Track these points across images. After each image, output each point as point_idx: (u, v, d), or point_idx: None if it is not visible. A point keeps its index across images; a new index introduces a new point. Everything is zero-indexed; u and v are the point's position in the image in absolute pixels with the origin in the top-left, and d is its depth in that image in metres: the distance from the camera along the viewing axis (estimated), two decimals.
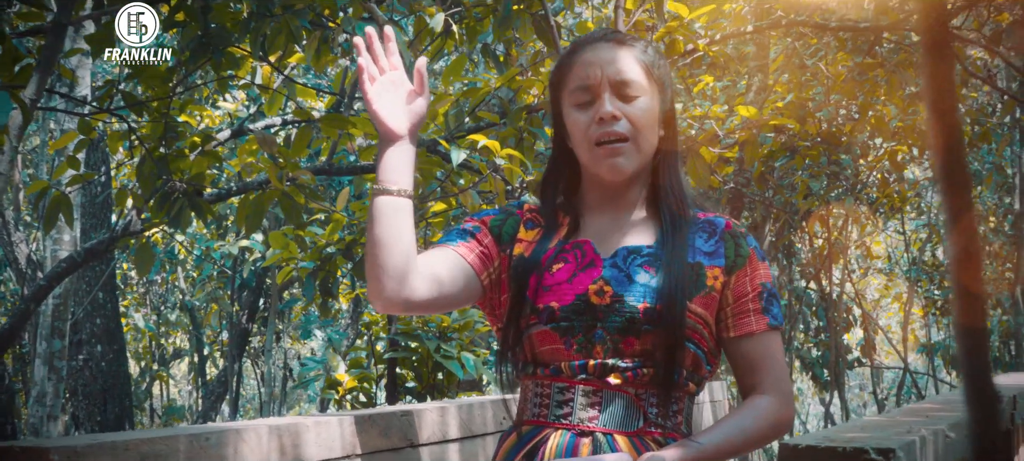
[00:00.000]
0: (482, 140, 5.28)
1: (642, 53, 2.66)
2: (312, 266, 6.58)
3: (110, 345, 12.79)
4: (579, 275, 2.59)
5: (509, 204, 2.82)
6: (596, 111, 2.60)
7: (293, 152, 5.98)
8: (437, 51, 6.16)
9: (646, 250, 2.61)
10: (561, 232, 2.69)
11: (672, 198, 2.65)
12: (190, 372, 22.14)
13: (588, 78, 2.62)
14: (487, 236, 2.68)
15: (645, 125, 2.60)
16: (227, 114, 12.79)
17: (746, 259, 2.63)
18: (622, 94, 2.60)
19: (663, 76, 2.67)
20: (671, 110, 2.69)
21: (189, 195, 5.81)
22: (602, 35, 2.69)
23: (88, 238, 11.79)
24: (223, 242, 14.32)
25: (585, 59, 2.65)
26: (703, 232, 2.65)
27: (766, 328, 2.60)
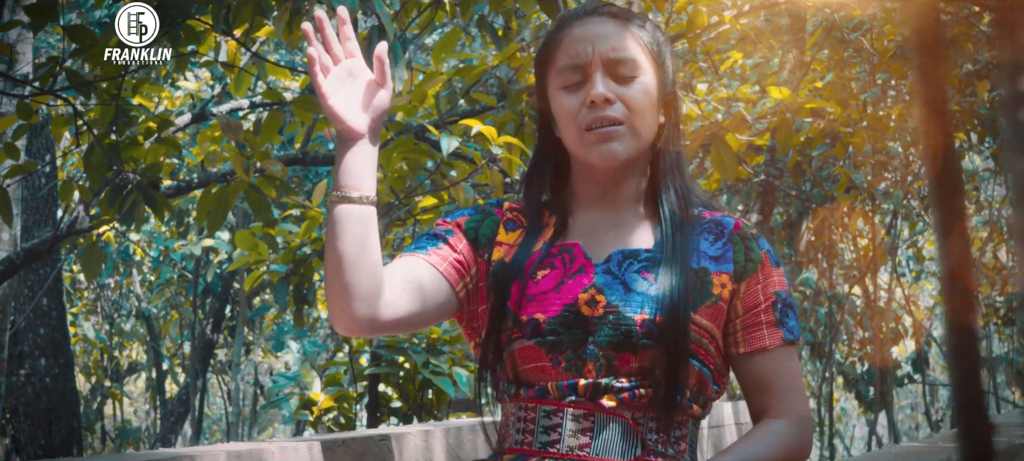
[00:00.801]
0: (477, 126, 5.27)
1: (639, 28, 2.65)
2: (284, 269, 6.58)
3: (56, 358, 12.77)
4: (567, 283, 2.56)
5: (487, 203, 2.80)
6: (587, 93, 2.57)
7: (262, 139, 5.97)
8: (426, 23, 6.15)
9: (644, 254, 2.59)
10: (546, 233, 2.67)
11: (674, 193, 2.64)
12: (147, 389, 22.14)
13: (578, 56, 2.60)
14: (461, 240, 2.66)
15: (643, 108, 2.58)
16: (188, 94, 12.79)
17: (757, 264, 2.62)
18: (616, 74, 2.58)
19: (663, 55, 2.66)
20: (673, 93, 2.68)
21: (143, 188, 5.81)
22: (594, 8, 2.67)
23: (30, 236, 11.78)
24: (184, 241, 14.32)
25: (574, 35, 2.63)
26: (709, 234, 2.64)
27: (781, 343, 2.59)
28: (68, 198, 6.43)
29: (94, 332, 18.96)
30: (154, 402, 19.28)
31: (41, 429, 12.58)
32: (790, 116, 6.69)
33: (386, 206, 6.44)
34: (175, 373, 20.96)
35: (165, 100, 13.14)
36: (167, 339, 19.69)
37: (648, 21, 2.70)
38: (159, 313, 18.56)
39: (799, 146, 7.69)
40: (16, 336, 12.39)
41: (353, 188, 2.44)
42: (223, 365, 19.97)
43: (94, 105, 5.91)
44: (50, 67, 5.71)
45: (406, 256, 2.63)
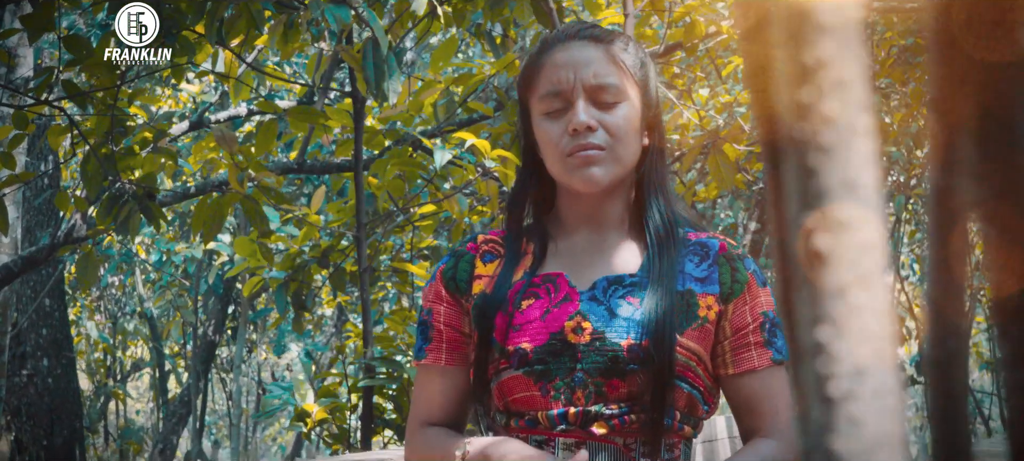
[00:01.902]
0: (470, 139, 5.28)
1: (622, 51, 2.64)
2: (283, 277, 6.58)
3: (58, 358, 12.78)
4: (553, 311, 2.57)
5: (459, 242, 2.82)
6: (569, 120, 2.57)
7: (258, 150, 5.98)
8: (423, 34, 6.15)
9: (628, 279, 2.59)
10: (526, 262, 2.67)
11: (658, 216, 2.63)
12: (151, 388, 22.16)
13: (560, 82, 2.59)
14: (443, 307, 2.70)
15: (625, 134, 2.58)
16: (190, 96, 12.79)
17: (744, 285, 2.61)
18: (599, 101, 2.58)
19: (647, 77, 2.65)
20: (656, 115, 2.67)
21: (139, 198, 5.82)
22: (575, 31, 2.66)
23: (33, 237, 11.79)
24: (186, 244, 14.33)
25: (556, 60, 2.62)
26: (694, 255, 2.64)
27: (769, 363, 2.58)
28: (65, 207, 6.44)
29: (97, 332, 18.97)
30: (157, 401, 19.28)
31: (43, 430, 12.59)
32: None
33: (384, 214, 6.44)
34: (178, 373, 20.96)
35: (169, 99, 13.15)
36: (170, 339, 19.69)
37: (631, 42, 2.69)
38: (161, 314, 18.57)
39: None
40: (18, 336, 12.39)
41: None
42: (226, 364, 19.98)
43: (90, 115, 5.91)
44: (46, 77, 5.72)
45: (418, 368, 2.74)
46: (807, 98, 0.76)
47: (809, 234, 0.76)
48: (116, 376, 19.87)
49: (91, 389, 19.27)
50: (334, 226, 6.97)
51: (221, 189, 6.43)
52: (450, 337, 2.68)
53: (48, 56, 12.22)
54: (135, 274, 17.51)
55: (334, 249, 6.70)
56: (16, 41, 9.40)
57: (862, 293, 0.76)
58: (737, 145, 6.52)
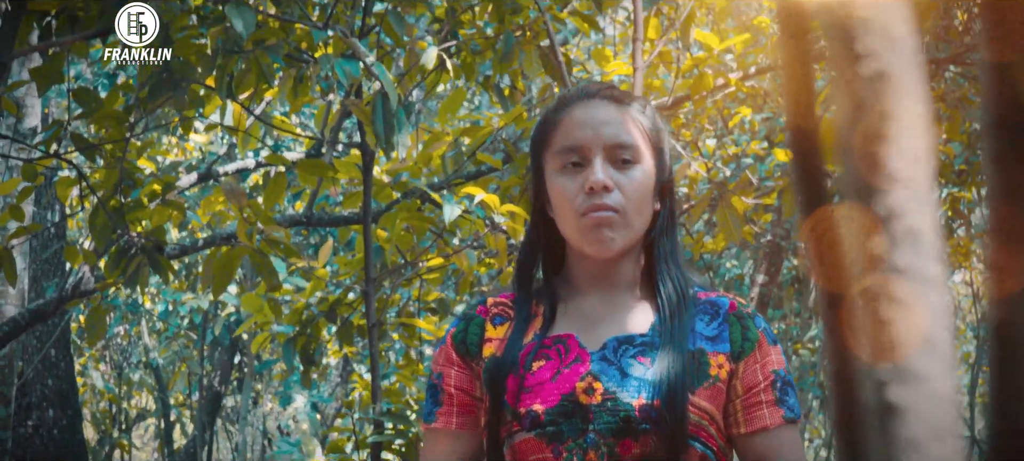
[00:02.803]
0: (479, 193, 5.27)
1: (640, 114, 2.64)
2: (291, 331, 6.57)
3: (64, 409, 12.75)
4: (564, 372, 2.55)
5: (468, 306, 2.80)
6: (586, 178, 2.56)
7: (266, 202, 5.98)
8: (431, 88, 6.16)
9: (639, 339, 2.57)
10: (536, 323, 2.66)
11: (669, 280, 2.62)
12: (156, 439, 22.10)
13: (579, 139, 2.59)
14: (453, 370, 2.69)
15: (639, 198, 2.57)
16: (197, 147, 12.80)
17: (755, 343, 2.59)
18: (616, 160, 2.57)
19: (662, 141, 2.65)
20: (669, 180, 2.67)
21: (148, 251, 5.81)
22: (595, 91, 2.66)
23: (39, 287, 11.79)
24: (193, 294, 14.32)
25: (575, 117, 2.62)
26: (705, 314, 2.63)
27: (782, 422, 2.56)
28: (73, 260, 6.44)
29: (102, 382, 18.95)
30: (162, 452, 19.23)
31: None
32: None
33: (392, 267, 6.43)
34: (183, 423, 20.92)
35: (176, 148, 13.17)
36: (175, 390, 19.66)
37: (648, 106, 2.70)
38: (167, 364, 18.55)
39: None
40: (24, 387, 12.37)
41: None
42: (232, 415, 19.94)
43: (99, 167, 5.91)
44: (55, 130, 5.73)
45: (426, 433, 2.73)
46: (878, 249, 0.76)
47: (882, 386, 0.75)
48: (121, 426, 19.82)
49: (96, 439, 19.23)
50: (342, 279, 6.96)
51: (229, 242, 6.42)
52: (461, 401, 2.67)
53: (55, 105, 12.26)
54: (141, 324, 17.50)
55: (341, 302, 6.69)
56: (24, 92, 9.42)
57: (936, 445, 0.75)
58: (745, 198, 6.53)
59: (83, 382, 18.03)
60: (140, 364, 19.27)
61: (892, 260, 0.76)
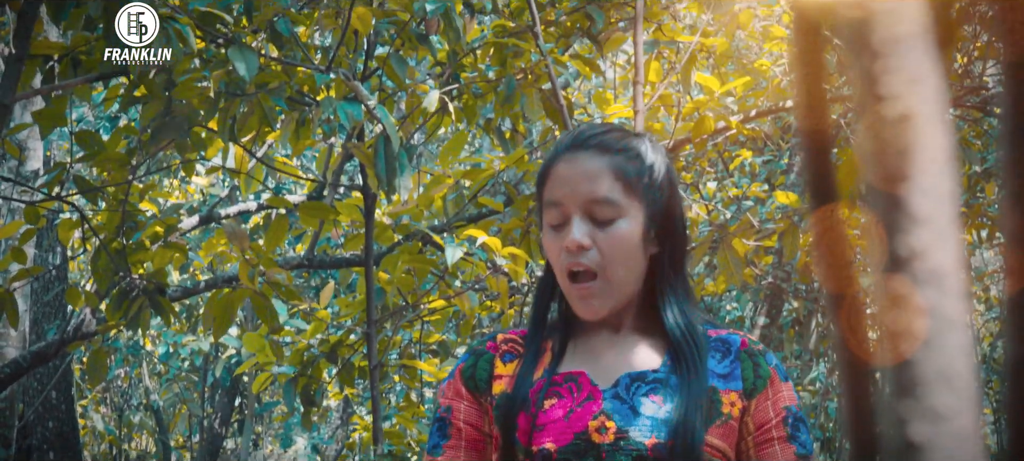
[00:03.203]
0: (481, 236, 5.28)
1: (627, 161, 2.59)
2: (293, 371, 6.57)
3: (65, 452, 12.73)
4: (577, 411, 2.53)
5: (479, 341, 2.80)
6: (565, 238, 2.55)
7: (268, 245, 5.98)
8: (433, 130, 6.17)
9: (651, 376, 2.56)
10: (545, 359, 2.65)
11: (675, 321, 2.60)
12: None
13: (558, 196, 2.57)
14: (462, 402, 2.67)
15: (619, 254, 2.55)
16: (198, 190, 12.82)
17: (767, 380, 2.58)
18: (595, 217, 2.55)
19: (657, 185, 2.61)
20: (668, 223, 2.63)
21: (149, 293, 5.82)
22: (582, 139, 2.62)
23: (40, 330, 11.78)
24: (193, 336, 14.32)
25: (559, 172, 2.59)
26: (716, 352, 2.61)
27: (794, 459, 2.54)
28: (75, 302, 6.44)
29: (103, 424, 18.91)
30: None
31: None
32: (797, 220, 6.69)
33: (393, 309, 6.44)
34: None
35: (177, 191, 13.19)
36: (175, 432, 19.62)
37: (644, 147, 2.64)
38: (168, 406, 18.53)
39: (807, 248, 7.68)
40: (25, 429, 12.35)
41: None
42: (232, 457, 19.90)
43: (101, 210, 5.92)
44: (58, 173, 5.74)
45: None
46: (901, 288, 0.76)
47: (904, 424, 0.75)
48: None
49: None
50: (343, 321, 6.96)
51: (231, 284, 6.43)
52: (469, 435, 2.66)
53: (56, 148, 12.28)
54: (142, 367, 17.49)
55: (343, 344, 6.69)
56: (26, 135, 9.44)
57: None
58: (746, 240, 6.53)
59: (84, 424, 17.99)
60: (141, 406, 19.25)
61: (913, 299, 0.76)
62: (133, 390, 19.42)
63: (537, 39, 5.57)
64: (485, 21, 6.72)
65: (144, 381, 17.87)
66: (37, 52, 5.33)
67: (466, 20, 5.48)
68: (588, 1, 5.88)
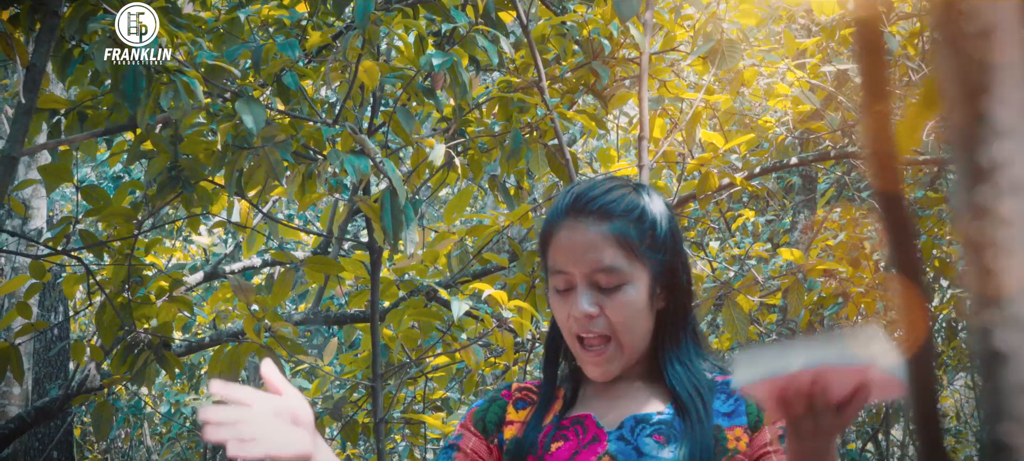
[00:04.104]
0: (487, 289, 5.28)
1: (631, 224, 2.58)
2: None
3: None
4: (582, 452, 2.55)
5: (495, 390, 2.81)
6: (571, 306, 2.56)
7: (273, 300, 5.98)
8: (438, 185, 6.18)
9: (655, 418, 2.57)
10: (556, 406, 2.67)
11: (679, 377, 2.61)
12: None
13: (563, 265, 2.58)
14: (472, 438, 2.69)
15: (628, 320, 2.56)
16: (201, 248, 12.83)
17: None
18: (600, 285, 2.55)
19: (660, 242, 2.61)
20: (672, 278, 2.63)
21: (154, 347, 5.81)
22: (583, 204, 2.60)
23: (42, 389, 11.76)
24: (195, 395, 14.29)
25: (561, 241, 2.59)
26: (720, 393, 2.63)
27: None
28: (79, 357, 6.43)
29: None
30: None
31: None
32: (801, 278, 6.69)
33: (398, 365, 6.43)
34: None
35: (179, 252, 13.18)
36: None
37: (645, 203, 2.64)
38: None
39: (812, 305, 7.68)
40: None
41: None
42: None
43: (106, 264, 5.93)
44: (63, 227, 5.75)
45: None
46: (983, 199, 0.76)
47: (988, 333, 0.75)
48: None
49: None
50: (347, 377, 6.94)
51: (236, 338, 6.42)
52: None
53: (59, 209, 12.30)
54: (143, 427, 17.44)
55: (347, 401, 6.68)
56: (30, 194, 9.46)
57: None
58: (750, 296, 6.53)
59: None
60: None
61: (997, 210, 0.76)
62: (134, 451, 19.36)
63: (543, 93, 5.59)
64: (490, 80, 6.74)
65: (145, 441, 17.83)
66: (44, 106, 5.35)
67: (472, 76, 5.50)
68: (593, 57, 5.89)
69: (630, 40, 5.86)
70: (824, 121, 7.09)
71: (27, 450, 12.08)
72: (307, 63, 5.32)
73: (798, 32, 7.88)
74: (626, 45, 6.00)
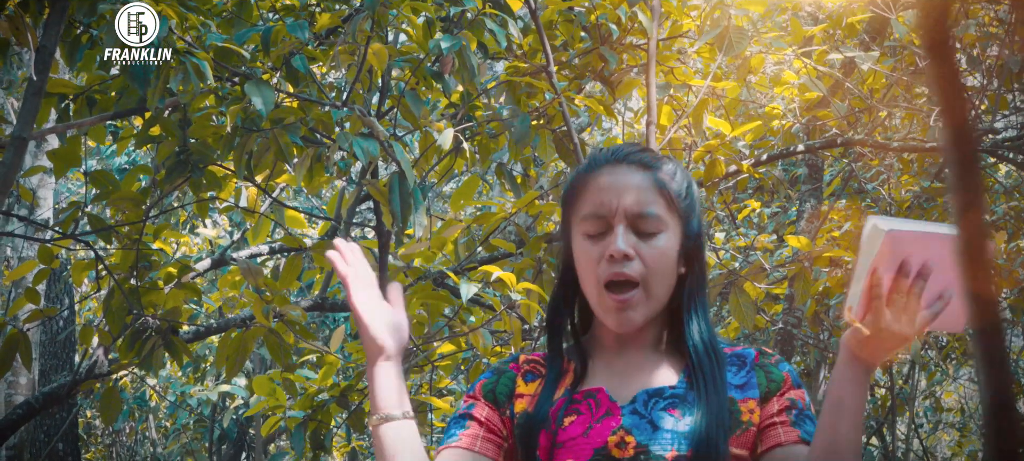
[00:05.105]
0: (496, 272, 5.28)
1: (669, 179, 2.62)
2: (302, 415, 6.55)
3: None
4: (596, 426, 2.55)
5: (500, 362, 2.81)
6: (607, 246, 2.57)
7: (281, 284, 5.98)
8: (446, 171, 6.18)
9: (669, 391, 2.57)
10: (567, 380, 2.66)
11: (699, 340, 2.62)
12: None
13: (602, 206, 2.59)
14: (485, 408, 2.68)
15: (661, 268, 2.58)
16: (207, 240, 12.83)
17: (780, 383, 2.60)
18: (639, 229, 2.57)
19: (690, 205, 2.65)
20: (697, 243, 2.66)
21: (163, 333, 5.81)
22: (624, 154, 2.66)
23: (48, 381, 11.77)
24: (201, 387, 14.29)
25: (601, 182, 2.62)
26: (732, 366, 2.64)
27: (797, 440, 2.53)
28: (86, 342, 6.44)
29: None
30: None
31: None
32: (808, 265, 6.68)
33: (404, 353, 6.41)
34: None
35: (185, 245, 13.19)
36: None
37: (679, 169, 2.68)
38: (174, 459, 18.47)
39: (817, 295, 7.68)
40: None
41: (397, 406, 2.48)
42: None
43: (115, 249, 5.93)
44: (72, 212, 5.75)
45: (442, 451, 2.65)
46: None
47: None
48: None
49: None
50: (353, 366, 6.94)
51: (244, 325, 6.42)
52: (489, 429, 2.66)
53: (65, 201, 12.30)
54: (148, 420, 17.45)
55: (353, 389, 6.67)
56: (37, 183, 9.47)
57: None
58: (756, 282, 6.52)
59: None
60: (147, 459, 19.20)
61: None
62: (139, 445, 19.37)
63: (551, 78, 5.58)
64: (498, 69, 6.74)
65: (150, 433, 17.84)
66: (52, 90, 5.35)
67: (480, 62, 5.49)
68: (601, 42, 5.89)
69: (638, 26, 5.86)
70: (830, 109, 7.09)
71: (33, 441, 12.10)
72: (317, 46, 5.32)
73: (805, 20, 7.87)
74: (634, 31, 6.00)
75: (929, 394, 17.37)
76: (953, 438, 21.28)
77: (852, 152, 8.88)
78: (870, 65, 6.85)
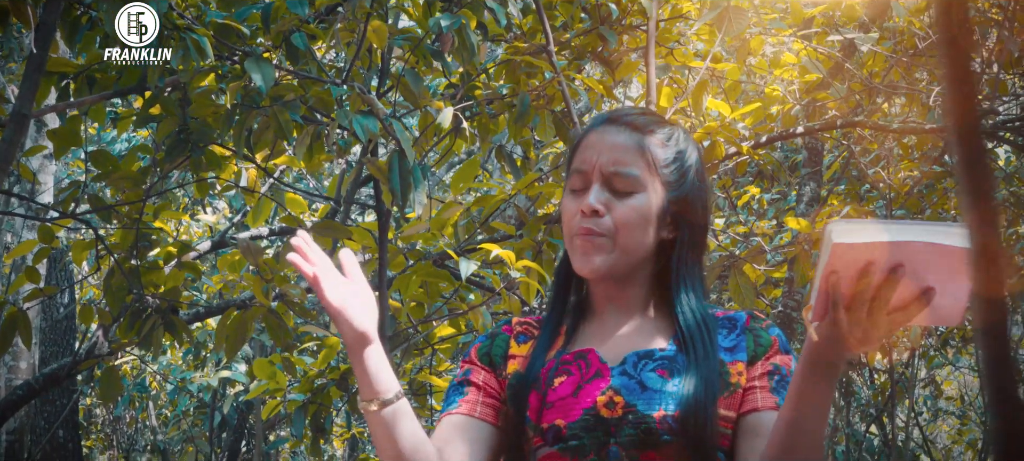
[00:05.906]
0: (495, 250, 5.29)
1: (657, 144, 2.66)
2: (302, 399, 6.55)
3: None
4: (585, 387, 2.58)
5: (494, 326, 2.84)
6: (582, 202, 2.62)
7: (282, 265, 5.98)
8: (446, 151, 6.18)
9: (658, 353, 2.60)
10: (559, 341, 2.69)
11: (688, 308, 2.64)
12: None
13: (583, 163, 2.66)
14: (482, 371, 2.71)
15: (632, 225, 2.61)
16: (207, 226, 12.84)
17: (767, 347, 2.62)
18: (613, 187, 2.63)
19: (682, 171, 2.67)
20: (688, 207, 2.68)
21: (163, 313, 5.81)
22: (618, 116, 2.72)
23: (47, 365, 11.78)
24: (201, 373, 14.29)
25: (589, 141, 2.69)
26: (723, 328, 2.65)
27: (774, 407, 2.54)
28: (86, 322, 6.44)
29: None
30: None
31: None
32: (808, 248, 6.69)
33: (403, 335, 6.43)
34: None
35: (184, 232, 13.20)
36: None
37: (676, 135, 2.71)
38: (174, 446, 18.48)
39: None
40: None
41: (390, 389, 2.48)
42: None
43: (115, 229, 5.94)
44: (72, 191, 5.76)
45: (443, 417, 2.68)
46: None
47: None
48: None
49: None
50: None
51: (244, 306, 6.43)
52: (487, 393, 2.69)
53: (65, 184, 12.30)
54: (148, 407, 17.46)
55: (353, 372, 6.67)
56: (38, 165, 9.47)
57: None
58: (756, 265, 6.53)
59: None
60: (147, 448, 19.21)
61: None
62: (139, 434, 19.39)
63: (551, 57, 5.59)
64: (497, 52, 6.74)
65: (151, 420, 17.85)
66: (52, 69, 5.35)
67: (479, 42, 5.50)
68: (601, 22, 5.89)
69: (637, 7, 5.86)
70: (830, 91, 7.09)
71: (33, 428, 12.11)
72: (317, 23, 5.32)
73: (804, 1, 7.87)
74: (634, 12, 6.00)
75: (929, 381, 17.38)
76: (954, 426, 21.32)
77: (852, 136, 8.88)
78: (869, 47, 6.85)
